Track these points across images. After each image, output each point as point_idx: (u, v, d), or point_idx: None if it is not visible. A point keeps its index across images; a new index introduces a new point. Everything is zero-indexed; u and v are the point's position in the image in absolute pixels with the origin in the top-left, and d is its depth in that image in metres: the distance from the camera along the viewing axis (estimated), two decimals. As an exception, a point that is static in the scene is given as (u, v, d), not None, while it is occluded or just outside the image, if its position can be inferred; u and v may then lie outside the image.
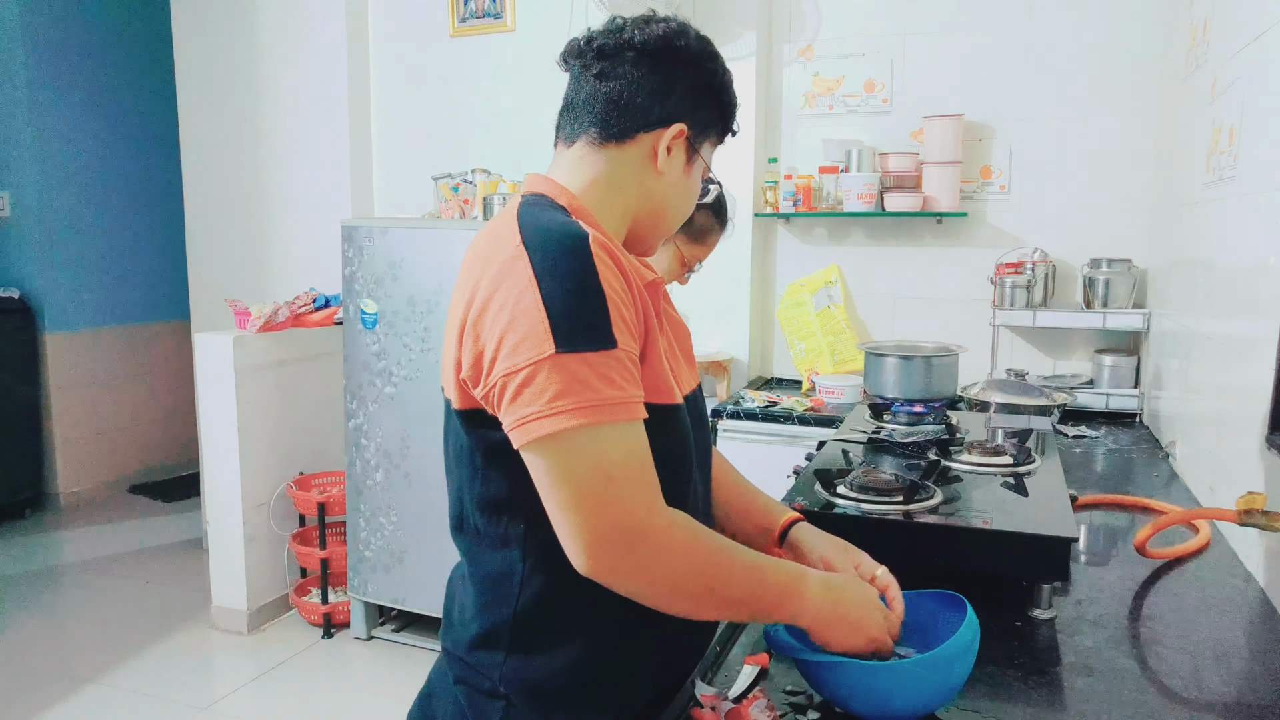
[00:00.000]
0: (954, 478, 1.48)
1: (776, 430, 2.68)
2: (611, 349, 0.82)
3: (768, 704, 0.93)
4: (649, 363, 0.90)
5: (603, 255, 0.85)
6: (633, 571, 0.82)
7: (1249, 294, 1.49)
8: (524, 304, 0.81)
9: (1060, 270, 2.82)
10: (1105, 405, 2.56)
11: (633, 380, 0.84)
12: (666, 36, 0.96)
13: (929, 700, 0.89)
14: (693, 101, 0.98)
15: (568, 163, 0.99)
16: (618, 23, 0.98)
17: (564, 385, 0.79)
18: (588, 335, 0.81)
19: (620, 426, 0.82)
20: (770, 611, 0.89)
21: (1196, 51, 2.06)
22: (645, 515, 0.82)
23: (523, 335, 0.81)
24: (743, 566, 0.87)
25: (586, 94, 0.97)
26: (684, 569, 0.83)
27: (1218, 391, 1.68)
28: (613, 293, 0.84)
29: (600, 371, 0.81)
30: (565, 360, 0.80)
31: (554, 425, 0.79)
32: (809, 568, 0.94)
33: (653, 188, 0.99)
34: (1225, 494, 1.50)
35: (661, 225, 1.03)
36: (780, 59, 3.14)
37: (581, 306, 0.82)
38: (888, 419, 1.93)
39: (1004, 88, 2.86)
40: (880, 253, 3.09)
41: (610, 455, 0.81)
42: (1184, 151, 2.16)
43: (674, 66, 0.97)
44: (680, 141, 0.97)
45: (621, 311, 0.85)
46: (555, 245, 0.84)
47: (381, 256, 2.85)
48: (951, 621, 0.92)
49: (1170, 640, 1.10)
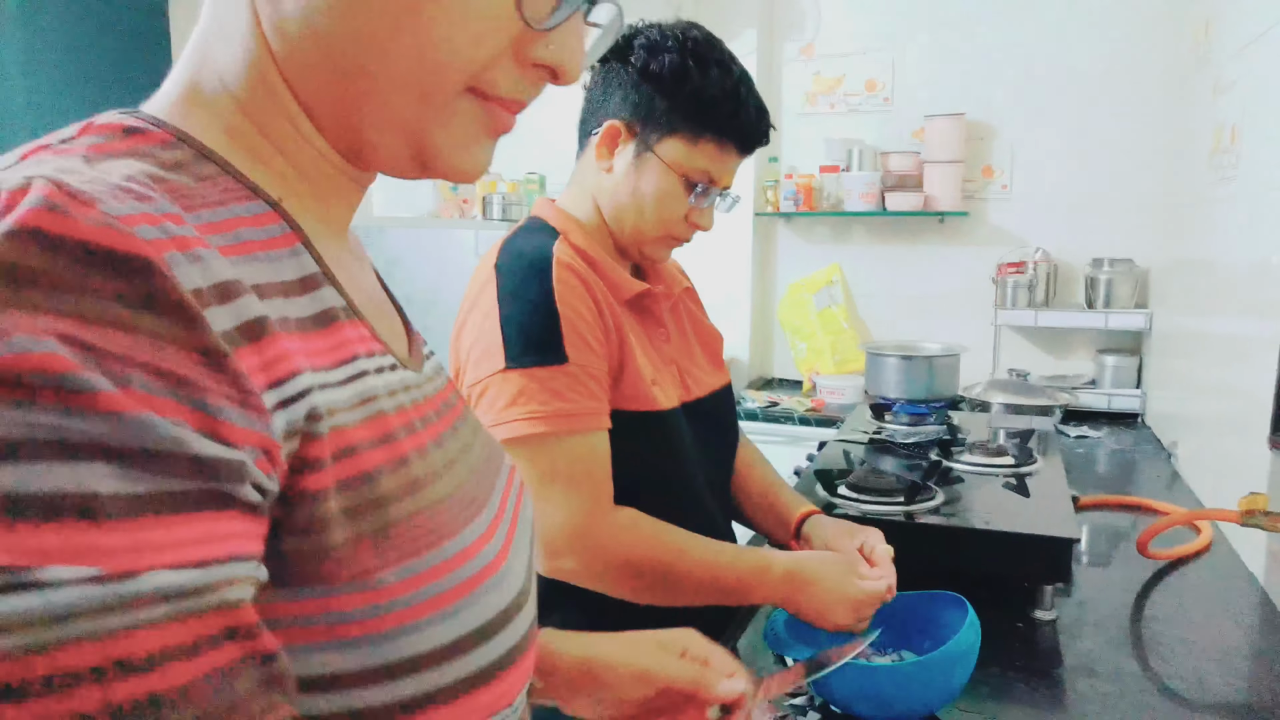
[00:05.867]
0: (955, 478, 1.48)
1: (777, 431, 2.67)
2: (561, 364, 0.92)
3: (768, 704, 0.93)
4: (626, 373, 0.98)
5: (566, 277, 0.95)
6: (582, 571, 0.93)
7: (1252, 294, 1.49)
8: (487, 324, 0.94)
9: (1062, 270, 2.82)
10: (1107, 405, 2.55)
11: (586, 393, 0.93)
12: (625, 37, 0.99)
13: (930, 701, 0.88)
14: (636, 97, 1.00)
15: (572, 175, 1.10)
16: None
17: (511, 398, 0.91)
18: (537, 351, 0.91)
19: (567, 436, 0.92)
20: (734, 598, 0.97)
21: (1199, 51, 2.06)
22: (586, 520, 0.92)
23: (482, 351, 0.93)
24: (697, 560, 0.96)
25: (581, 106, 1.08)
26: (634, 564, 0.94)
27: (1220, 392, 1.67)
28: (571, 312, 0.94)
29: (548, 385, 0.91)
30: (513, 375, 0.91)
31: (504, 433, 0.90)
32: (778, 554, 1.01)
33: (605, 187, 1.05)
34: (1227, 495, 1.50)
35: (624, 225, 1.06)
36: (781, 57, 3.13)
37: (533, 325, 0.92)
38: (889, 419, 1.93)
39: (1006, 86, 2.85)
40: (882, 252, 3.09)
41: (555, 462, 0.92)
42: (1186, 151, 2.15)
43: (618, 64, 1.01)
44: (629, 141, 1.01)
45: (579, 329, 0.94)
46: (520, 270, 0.96)
47: (379, 256, 2.85)
48: (953, 623, 0.92)
49: (1172, 641, 1.10)
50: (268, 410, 0.34)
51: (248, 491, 0.32)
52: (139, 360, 0.30)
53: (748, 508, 1.21)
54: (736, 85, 1.00)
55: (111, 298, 0.30)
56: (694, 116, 0.99)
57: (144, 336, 0.30)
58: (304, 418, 0.36)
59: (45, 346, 0.28)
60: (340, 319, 0.42)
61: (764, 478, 1.23)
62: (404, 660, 0.38)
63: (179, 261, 0.32)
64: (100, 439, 0.28)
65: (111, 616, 0.27)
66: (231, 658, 0.31)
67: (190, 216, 0.35)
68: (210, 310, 0.32)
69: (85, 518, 0.27)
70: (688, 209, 1.03)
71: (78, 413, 0.28)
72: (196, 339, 0.31)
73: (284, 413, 0.35)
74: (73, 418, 0.28)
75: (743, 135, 1.03)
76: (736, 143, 1.02)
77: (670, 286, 1.15)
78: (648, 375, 1.00)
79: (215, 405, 0.31)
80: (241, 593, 0.32)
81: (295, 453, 0.35)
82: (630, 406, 0.98)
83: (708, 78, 0.98)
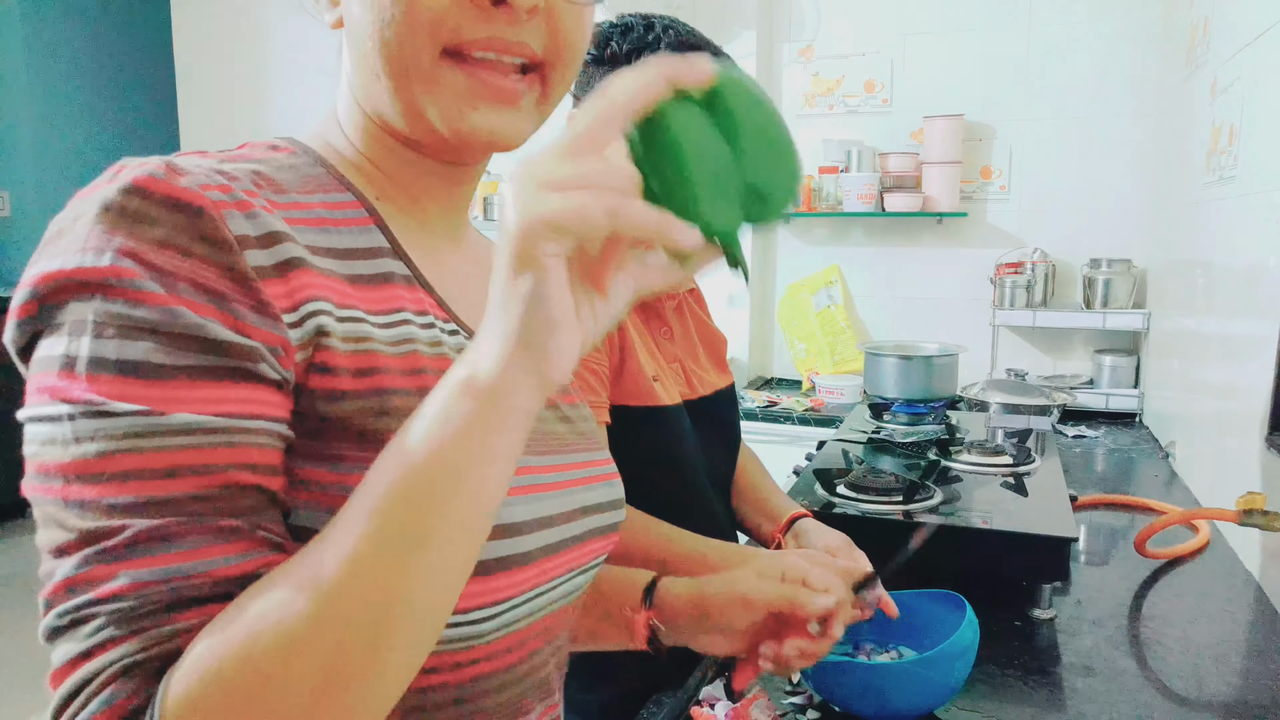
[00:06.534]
0: (954, 478, 1.48)
1: (776, 430, 2.68)
2: None
3: (768, 704, 0.93)
4: (627, 369, 0.99)
5: None
6: None
7: (1249, 294, 1.49)
8: None
9: (1060, 270, 2.82)
10: (1105, 405, 2.56)
11: (584, 388, 0.94)
12: (604, 32, 1.00)
13: (929, 700, 0.89)
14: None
15: None
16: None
17: None
18: None
19: None
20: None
21: (1197, 51, 2.06)
22: None
23: None
24: (683, 552, 0.98)
25: None
26: (622, 555, 0.94)
27: (1218, 391, 1.68)
28: None
29: None
30: None
31: None
32: (763, 551, 1.01)
33: None
34: (1225, 494, 1.50)
35: None
36: (780, 59, 3.14)
37: None
38: (888, 419, 1.93)
39: (1004, 87, 2.86)
40: (880, 253, 3.09)
41: None
42: (1184, 151, 2.16)
43: (600, 62, 1.02)
44: None
45: None
46: None
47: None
48: (951, 621, 0.92)
49: (1170, 640, 1.10)
50: (282, 320, 0.45)
51: (265, 369, 0.44)
52: (186, 275, 0.43)
53: (737, 505, 1.22)
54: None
55: (177, 230, 0.43)
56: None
57: (195, 259, 0.43)
58: (314, 332, 0.46)
59: (123, 262, 0.42)
60: (396, 282, 0.53)
61: (754, 484, 1.25)
62: None
63: (234, 215, 0.45)
64: (149, 324, 0.41)
65: (152, 438, 0.41)
66: (234, 481, 0.43)
67: (277, 196, 0.49)
68: (250, 250, 0.45)
69: (138, 375, 0.41)
70: None
71: (135, 304, 0.41)
72: (230, 263, 0.44)
73: (299, 329, 0.46)
74: (132, 308, 0.41)
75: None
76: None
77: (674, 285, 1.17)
78: (649, 371, 1.01)
79: (237, 309, 0.44)
80: (257, 440, 0.44)
81: (309, 359, 0.46)
82: (632, 402, 0.99)
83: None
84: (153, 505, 0.41)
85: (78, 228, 0.43)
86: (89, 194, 0.44)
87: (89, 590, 0.40)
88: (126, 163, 0.46)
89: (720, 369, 1.20)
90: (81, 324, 0.41)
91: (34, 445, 0.42)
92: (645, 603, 0.77)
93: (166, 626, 0.40)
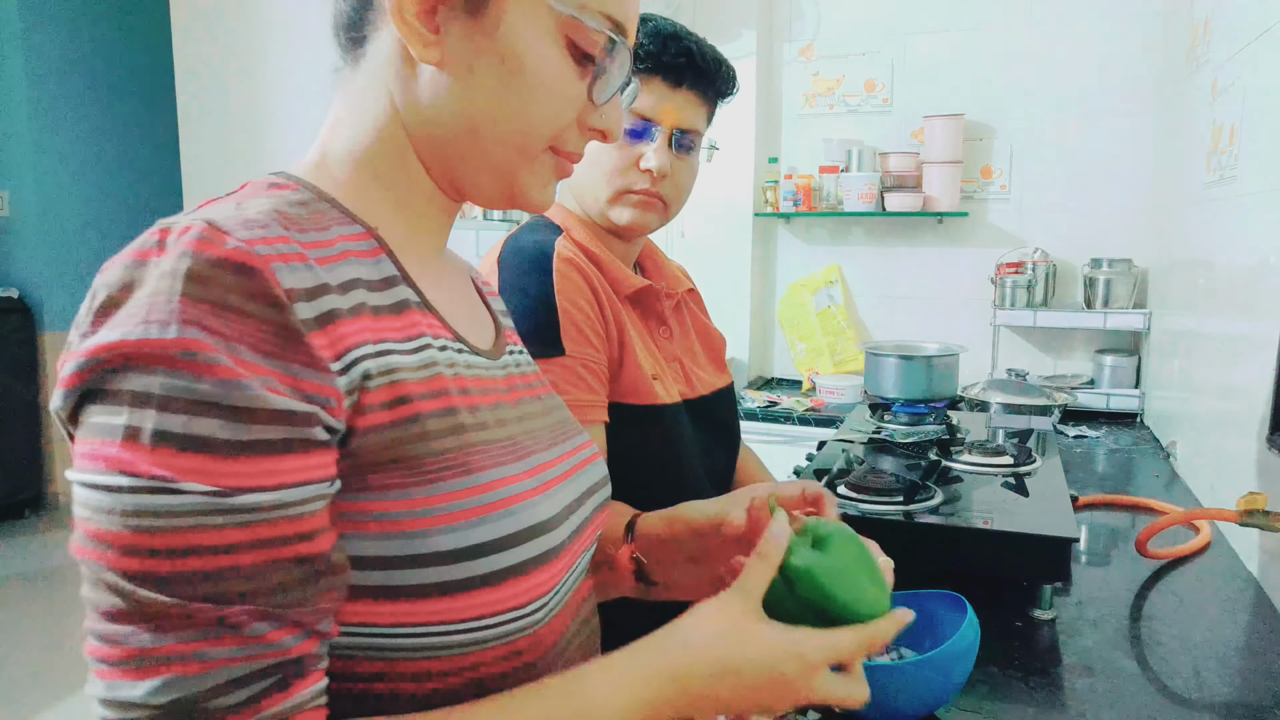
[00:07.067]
0: (954, 478, 1.48)
1: (776, 430, 2.68)
2: (559, 356, 0.93)
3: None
4: (626, 367, 1.00)
5: (566, 271, 0.96)
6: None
7: (1250, 294, 1.49)
8: None
9: (1061, 270, 2.82)
10: (1106, 405, 2.56)
11: (583, 386, 0.94)
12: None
13: (929, 700, 0.89)
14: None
15: None
16: None
17: None
18: (535, 344, 0.90)
19: None
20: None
21: (1197, 51, 2.06)
22: None
23: None
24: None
25: None
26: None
27: (1219, 391, 1.68)
28: (570, 305, 0.95)
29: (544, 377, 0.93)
30: None
31: None
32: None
33: (571, 180, 1.07)
34: (1226, 494, 1.50)
35: (584, 199, 1.09)
36: (780, 58, 3.14)
37: (532, 318, 0.93)
38: (888, 419, 1.93)
39: (1005, 87, 2.86)
40: (881, 253, 3.09)
41: None
42: (1185, 151, 2.16)
43: None
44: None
45: (577, 322, 0.95)
46: (521, 264, 0.97)
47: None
48: (952, 622, 0.92)
49: (1171, 641, 1.10)
50: (331, 370, 0.48)
51: (319, 433, 0.47)
52: (245, 338, 0.45)
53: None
54: (674, 33, 1.00)
55: (234, 292, 0.45)
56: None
57: (252, 320, 0.45)
58: (360, 378, 0.50)
59: (188, 333, 0.43)
60: (412, 308, 0.57)
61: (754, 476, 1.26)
62: (432, 554, 0.51)
63: (281, 269, 0.47)
64: (213, 398, 0.43)
65: (216, 516, 0.43)
66: (292, 555, 0.46)
67: (301, 236, 0.51)
68: (298, 304, 0.47)
69: (204, 451, 0.43)
70: (636, 156, 1.03)
71: (199, 379, 0.43)
72: (283, 320, 0.46)
73: (345, 376, 0.49)
74: (197, 381, 0.43)
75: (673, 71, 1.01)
76: (670, 82, 1.02)
77: (672, 285, 1.17)
78: (648, 370, 1.01)
79: (292, 367, 0.46)
80: (312, 508, 0.47)
81: (356, 403, 0.49)
82: (630, 400, 1.00)
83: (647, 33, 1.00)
84: (209, 580, 0.43)
85: (137, 298, 0.44)
86: (137, 259, 0.46)
87: (130, 689, 0.43)
88: (167, 225, 0.47)
89: (719, 369, 1.20)
90: (145, 396, 0.43)
91: (87, 510, 0.44)
92: (627, 537, 0.82)
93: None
